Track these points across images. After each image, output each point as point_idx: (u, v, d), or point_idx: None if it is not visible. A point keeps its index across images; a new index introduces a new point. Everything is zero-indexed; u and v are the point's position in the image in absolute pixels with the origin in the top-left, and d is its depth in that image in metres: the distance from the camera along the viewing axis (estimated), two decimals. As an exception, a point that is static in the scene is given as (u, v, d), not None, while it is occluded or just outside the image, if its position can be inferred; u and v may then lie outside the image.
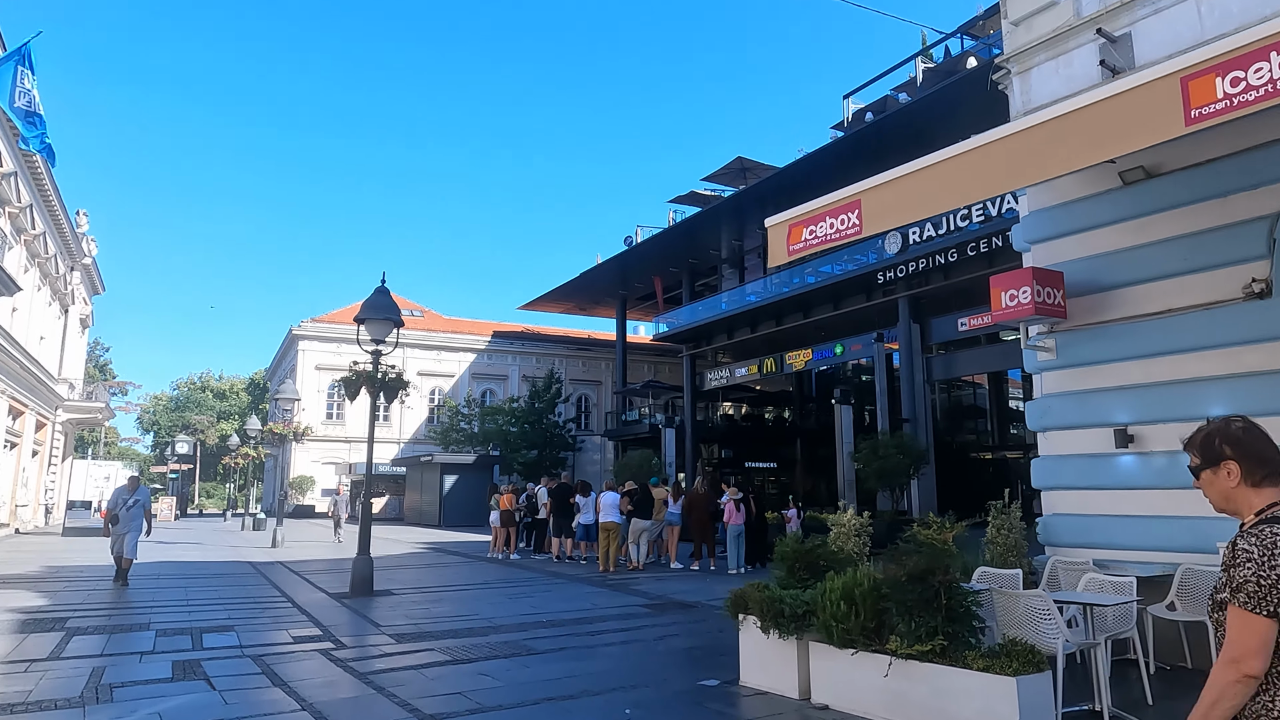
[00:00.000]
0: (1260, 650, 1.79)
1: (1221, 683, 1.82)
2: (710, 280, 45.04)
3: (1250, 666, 1.79)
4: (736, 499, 14.35)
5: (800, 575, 5.82)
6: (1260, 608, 1.79)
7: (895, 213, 5.25)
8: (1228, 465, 1.99)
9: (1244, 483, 1.97)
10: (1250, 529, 1.91)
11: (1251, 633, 1.80)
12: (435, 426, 43.39)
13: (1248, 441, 1.99)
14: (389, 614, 9.59)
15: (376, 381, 11.52)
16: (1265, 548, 1.82)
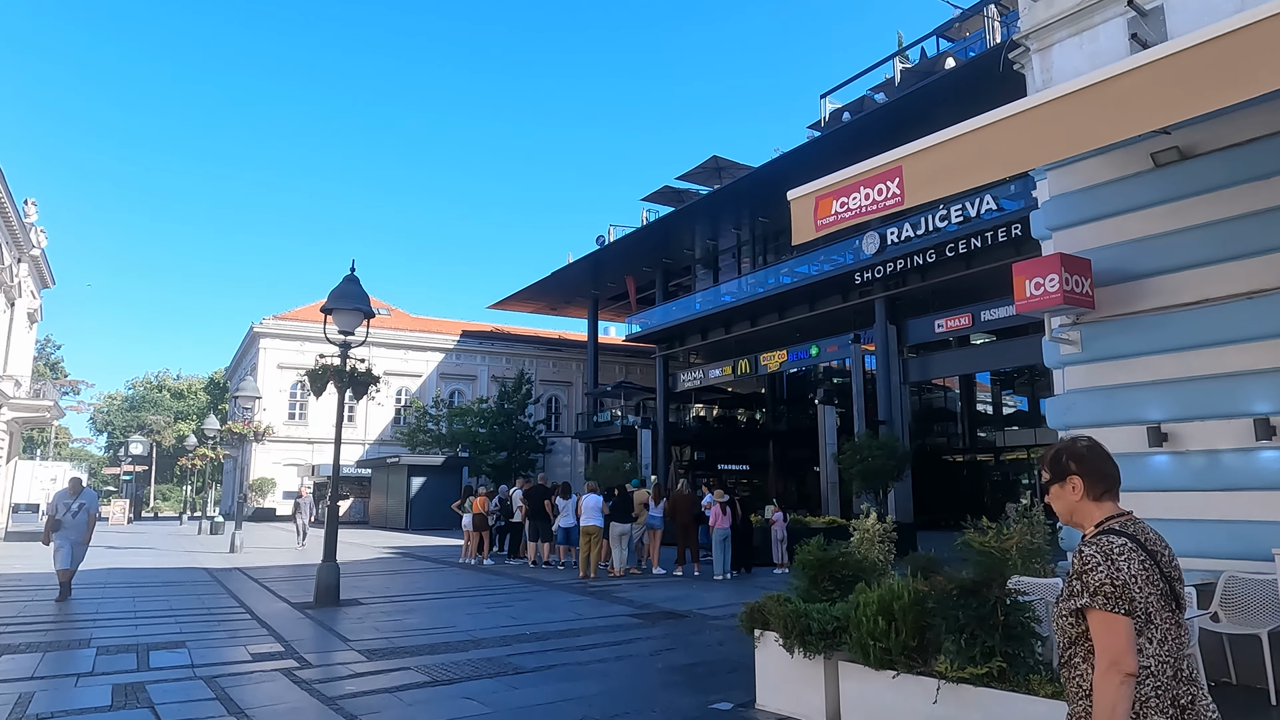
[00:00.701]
0: (1130, 647, 1.88)
1: (1110, 689, 1.87)
2: (684, 280, 44.54)
3: (1127, 665, 1.86)
4: (722, 501, 13.79)
5: (824, 586, 5.25)
6: (1118, 607, 1.90)
7: (942, 180, 4.70)
8: (1073, 480, 2.13)
9: (1086, 496, 2.12)
10: (1092, 538, 2.03)
11: (1118, 632, 1.89)
12: (402, 427, 42.34)
13: (1090, 459, 2.14)
14: (357, 626, 8.85)
15: (345, 376, 10.76)
16: (1109, 552, 1.95)
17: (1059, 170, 7.44)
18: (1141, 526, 2.08)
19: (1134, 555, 1.96)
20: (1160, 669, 1.93)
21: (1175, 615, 1.99)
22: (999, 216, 26.05)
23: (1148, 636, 1.93)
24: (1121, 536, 2.01)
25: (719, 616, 9.30)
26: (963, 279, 29.06)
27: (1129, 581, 1.91)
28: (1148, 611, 1.93)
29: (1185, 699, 1.94)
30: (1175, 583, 2.03)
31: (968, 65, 27.10)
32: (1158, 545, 2.05)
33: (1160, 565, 2.00)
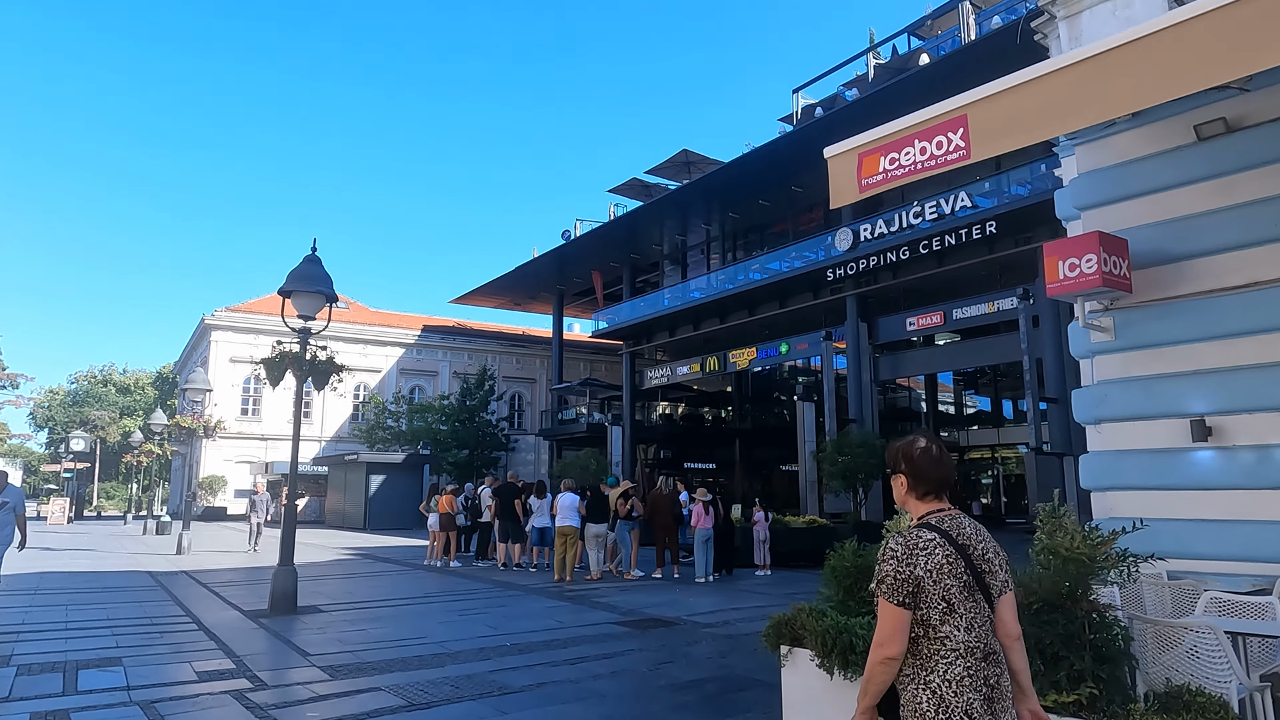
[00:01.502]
0: (895, 634, 2.11)
1: (871, 665, 2.15)
2: (652, 277, 43.92)
3: (889, 650, 2.11)
4: (706, 501, 13.17)
5: (862, 597, 4.62)
6: (894, 597, 2.12)
7: (1016, 130, 4.10)
8: (899, 477, 2.32)
9: (911, 494, 2.31)
10: (906, 530, 2.24)
11: (889, 619, 2.13)
12: (360, 424, 41.12)
13: (919, 462, 2.29)
14: (318, 638, 8.03)
15: (305, 364, 9.90)
16: (909, 547, 2.16)
17: (1089, 145, 6.93)
18: (958, 522, 2.25)
19: (939, 549, 2.13)
20: (970, 651, 2.10)
21: (982, 603, 2.16)
22: (973, 214, 25.86)
23: (953, 624, 2.11)
24: (933, 531, 2.18)
25: (712, 624, 8.67)
26: (935, 277, 28.87)
27: (923, 576, 2.10)
28: (949, 600, 2.10)
29: (994, 679, 2.12)
30: (985, 575, 2.20)
31: (942, 61, 26.92)
32: (971, 540, 2.22)
33: (970, 558, 2.17)
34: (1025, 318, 24.53)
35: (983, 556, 2.22)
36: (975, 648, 2.10)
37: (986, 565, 2.22)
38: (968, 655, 2.09)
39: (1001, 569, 2.26)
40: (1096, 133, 6.84)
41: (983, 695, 2.08)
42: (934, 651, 2.11)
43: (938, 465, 2.30)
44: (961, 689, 2.07)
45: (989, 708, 2.09)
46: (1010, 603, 2.26)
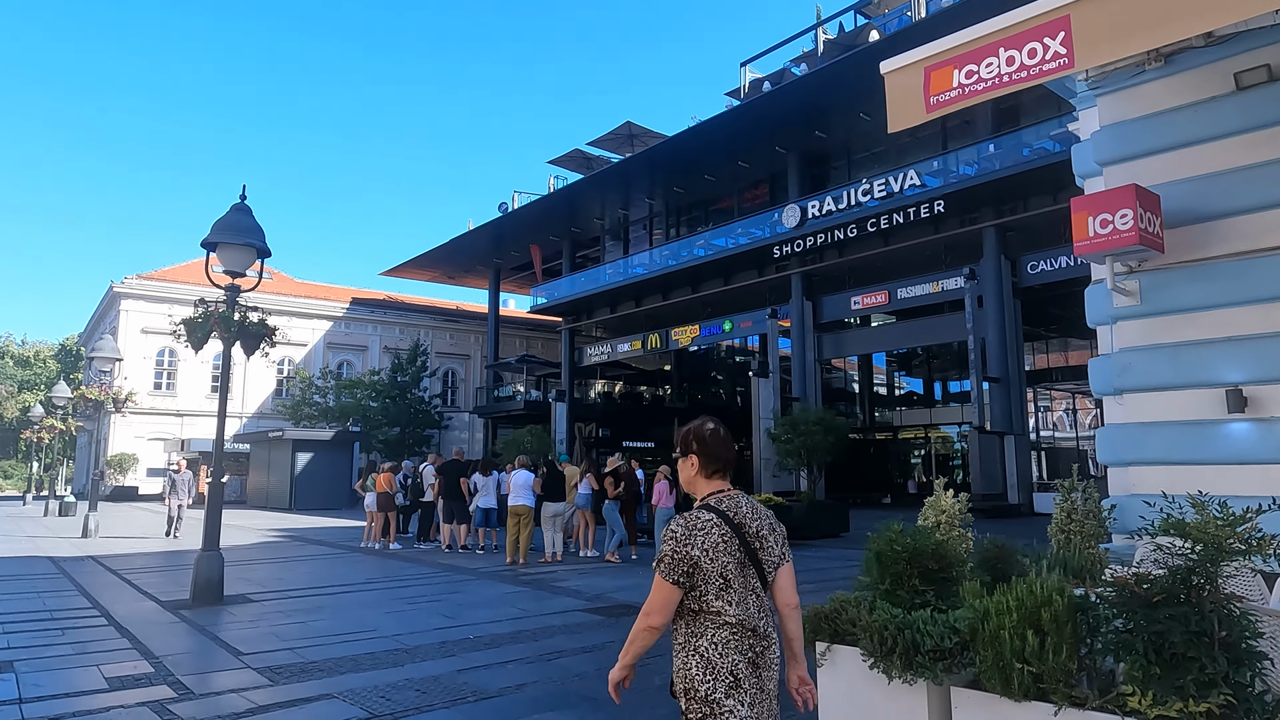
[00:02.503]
0: (663, 608, 2.27)
1: (635, 630, 2.34)
2: (592, 252, 43.00)
3: (654, 620, 2.29)
4: (669, 479, 12.52)
5: (913, 586, 4.00)
6: (670, 575, 2.23)
7: (1134, 32, 3.48)
8: (691, 458, 2.45)
9: (700, 473, 2.43)
10: (689, 512, 2.35)
11: (660, 594, 2.26)
12: (285, 399, 39.30)
13: (711, 443, 2.44)
14: (251, 633, 7.08)
15: (233, 325, 8.81)
16: (689, 527, 2.27)
17: (1114, 95, 6.44)
18: (735, 502, 2.37)
19: (715, 529, 2.27)
20: (740, 623, 2.23)
21: (752, 578, 2.30)
22: (921, 193, 25.79)
23: (726, 599, 2.23)
24: (711, 512, 2.32)
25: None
26: (881, 256, 28.81)
27: (699, 555, 2.23)
28: (725, 576, 2.24)
29: (759, 649, 2.26)
30: (759, 551, 2.33)
31: (894, 37, 26.66)
32: (747, 518, 2.34)
33: (745, 537, 2.30)
34: (970, 298, 24.62)
35: (757, 534, 2.35)
36: (744, 619, 2.23)
37: (760, 542, 2.35)
38: (737, 626, 2.22)
39: (777, 544, 2.41)
40: (1122, 81, 6.34)
41: (749, 660, 2.22)
42: (706, 625, 2.24)
43: (725, 446, 2.46)
44: (727, 651, 2.21)
45: (755, 673, 2.23)
46: (788, 573, 2.44)
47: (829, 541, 15.77)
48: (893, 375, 45.22)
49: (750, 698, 2.19)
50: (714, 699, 2.17)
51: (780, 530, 2.45)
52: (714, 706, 2.16)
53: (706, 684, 2.18)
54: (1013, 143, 24.43)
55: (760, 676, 2.23)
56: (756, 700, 2.21)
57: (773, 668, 2.28)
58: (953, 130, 28.01)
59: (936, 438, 40.97)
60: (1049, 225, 24.99)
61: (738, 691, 2.17)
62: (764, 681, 2.24)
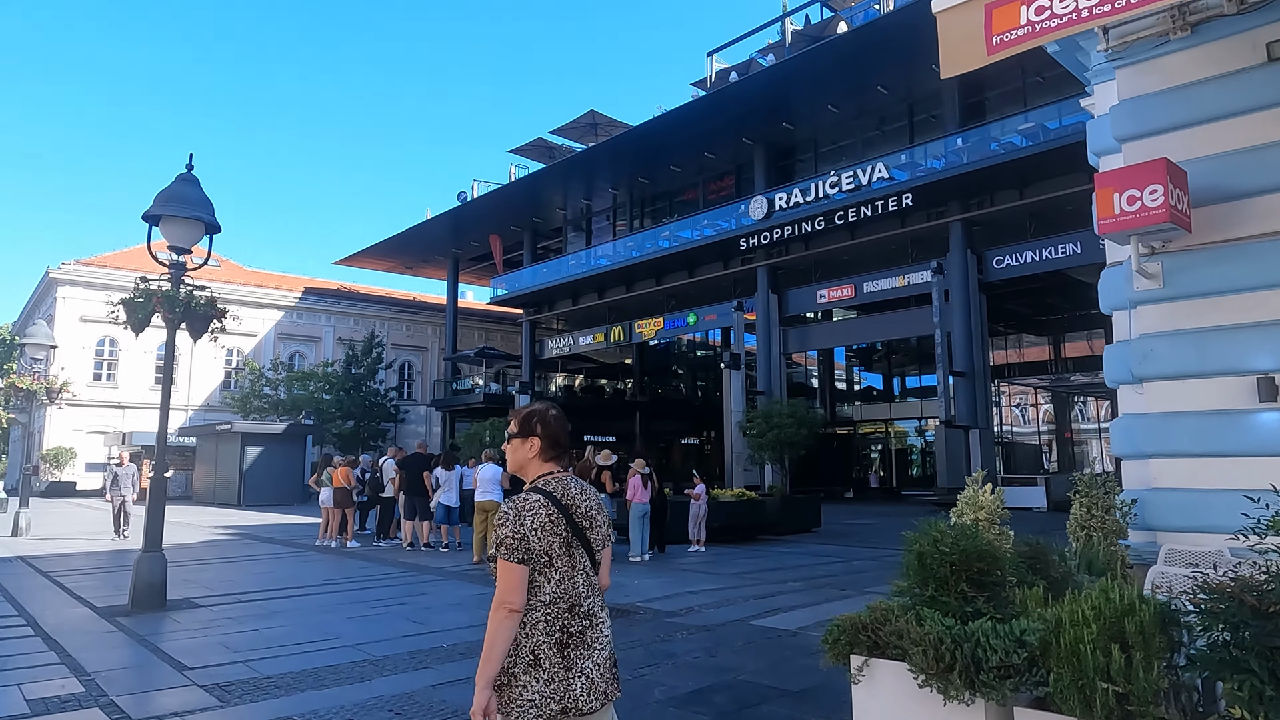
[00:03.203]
0: (517, 588, 2.25)
1: (494, 623, 2.23)
2: (554, 243, 42.29)
3: (513, 602, 2.24)
4: (643, 473, 12.03)
5: (961, 592, 3.56)
6: (513, 556, 2.25)
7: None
8: (533, 439, 2.47)
9: (539, 456, 2.47)
10: (519, 495, 2.38)
11: (509, 576, 2.25)
12: (234, 392, 37.90)
13: (553, 426, 2.49)
14: (197, 643, 6.41)
15: (178, 305, 8.07)
16: (519, 508, 2.31)
17: (1134, 68, 6.09)
18: (563, 483, 2.43)
19: (543, 509, 2.32)
20: (555, 602, 2.29)
21: (579, 558, 2.36)
22: (889, 186, 25.64)
23: (547, 576, 2.29)
24: (539, 494, 2.36)
25: (675, 613, 7.55)
26: (847, 250, 28.67)
27: (529, 534, 2.27)
28: (550, 555, 2.30)
29: (576, 628, 2.30)
30: (586, 530, 2.39)
31: (862, 29, 26.49)
32: (574, 500, 2.40)
33: (573, 517, 2.36)
34: (937, 291, 24.57)
35: (586, 514, 2.40)
36: (560, 598, 2.29)
37: (590, 522, 2.41)
38: (551, 605, 2.28)
39: (603, 525, 2.47)
40: (1144, 52, 6.00)
41: (554, 639, 2.26)
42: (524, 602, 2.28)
43: (564, 431, 2.52)
44: (534, 632, 2.26)
45: (560, 651, 2.26)
46: (606, 558, 2.52)
47: (802, 536, 15.45)
48: (852, 370, 45.37)
49: (549, 675, 2.24)
50: (512, 672, 2.25)
51: (606, 514, 2.54)
52: (511, 679, 2.25)
53: (510, 657, 2.25)
54: (980, 137, 24.40)
55: (568, 655, 2.27)
56: (558, 678, 2.25)
57: (594, 645, 2.32)
58: (920, 124, 27.98)
59: (896, 433, 41.18)
60: (1014, 220, 25.11)
61: (535, 669, 2.24)
62: (573, 660, 2.28)
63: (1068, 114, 22.53)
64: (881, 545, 13.92)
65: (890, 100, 27.75)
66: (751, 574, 10.30)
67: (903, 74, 26.24)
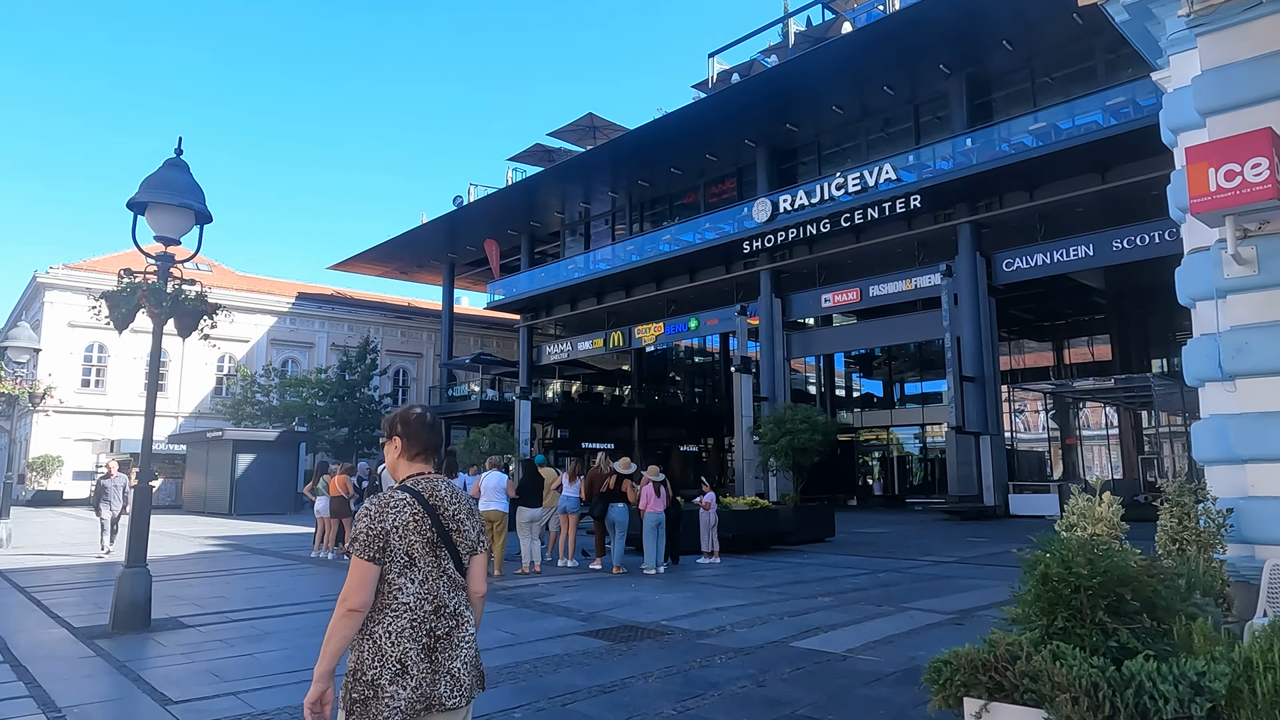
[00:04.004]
0: (362, 587, 2.22)
1: (334, 620, 2.21)
2: (550, 248, 41.73)
3: (353, 601, 2.21)
4: (656, 481, 11.43)
5: (1101, 624, 2.97)
6: (365, 553, 2.23)
7: None
8: (395, 440, 2.50)
9: (403, 456, 2.49)
10: (383, 493, 2.38)
11: (357, 573, 2.23)
12: (225, 399, 37.19)
13: (415, 425, 2.51)
14: (184, 671, 5.77)
15: (165, 299, 7.45)
16: (381, 506, 2.30)
17: (1218, 35, 5.56)
18: (433, 484, 2.42)
19: (408, 508, 2.32)
20: (419, 604, 2.28)
21: (445, 560, 2.35)
22: (896, 187, 25.14)
23: (409, 577, 2.28)
24: (405, 492, 2.36)
25: (706, 633, 6.94)
26: (852, 252, 28.15)
27: (389, 532, 2.26)
28: (411, 555, 2.28)
29: (442, 630, 2.29)
30: (453, 533, 2.38)
31: (867, 29, 26.05)
32: (444, 502, 2.40)
33: (439, 518, 2.36)
34: (947, 295, 24.07)
35: (453, 517, 2.41)
36: (425, 600, 2.29)
37: (456, 525, 2.41)
38: (416, 608, 2.27)
39: (473, 530, 2.47)
40: (1231, 17, 5.47)
41: (422, 645, 2.25)
42: (385, 605, 2.26)
43: (428, 431, 2.53)
44: (400, 639, 2.23)
45: (428, 656, 2.26)
46: (481, 563, 2.50)
47: (816, 546, 14.86)
48: (851, 377, 44.89)
49: (416, 682, 2.22)
50: (378, 683, 2.19)
51: (479, 519, 2.53)
52: (376, 690, 2.19)
53: (374, 669, 2.21)
54: (989, 137, 23.94)
55: (436, 659, 2.27)
56: (426, 682, 2.24)
57: (460, 645, 2.33)
58: (926, 125, 27.54)
59: (896, 440, 40.69)
60: (1024, 222, 24.65)
61: (403, 678, 2.21)
62: (440, 663, 2.28)
63: (1080, 114, 22.11)
64: (901, 556, 13.35)
65: (896, 101, 27.32)
66: (775, 588, 9.70)
67: (908, 74, 25.83)
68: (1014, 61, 24.57)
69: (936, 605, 8.23)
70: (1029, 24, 22.68)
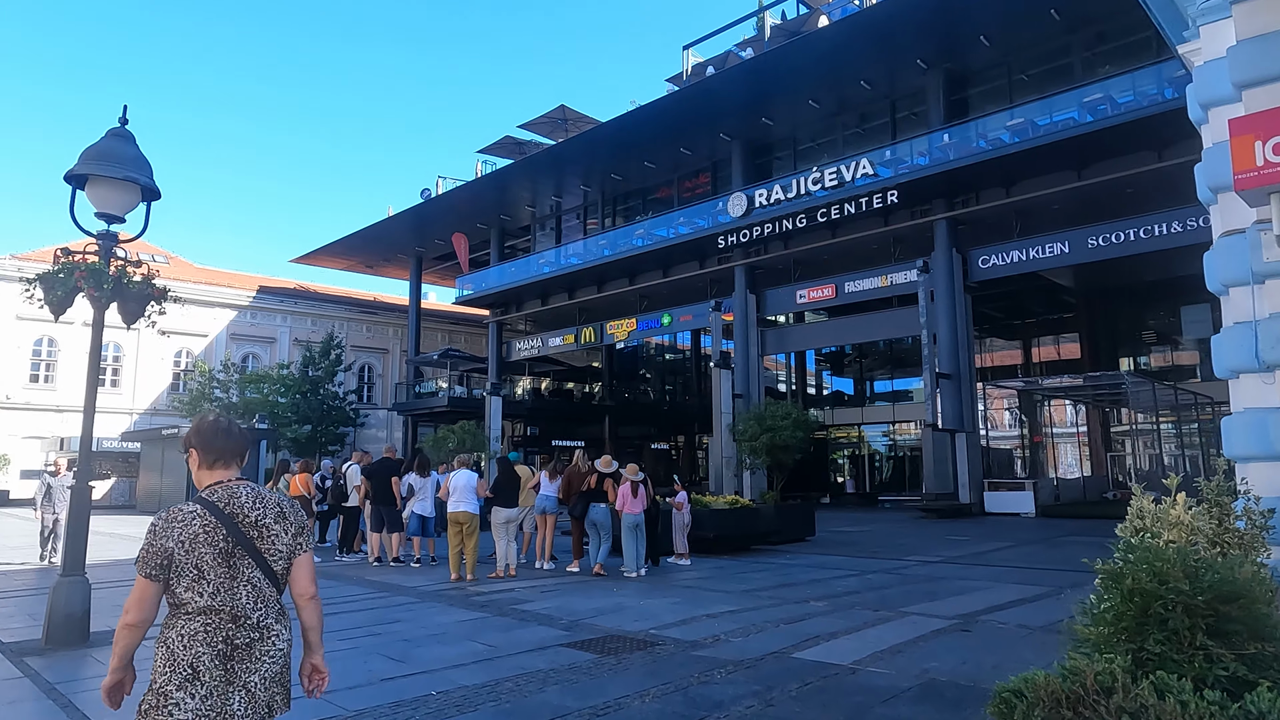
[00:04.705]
0: (137, 604, 2.23)
1: (117, 630, 2.28)
2: (521, 242, 41.02)
3: (131, 617, 2.24)
4: (636, 480, 10.94)
5: (1203, 649, 2.54)
6: (144, 570, 2.25)
7: None
8: (192, 451, 2.50)
9: (202, 466, 2.48)
10: (175, 506, 2.35)
11: (136, 591, 2.25)
12: (182, 395, 35.96)
13: (206, 434, 2.49)
14: (122, 693, 5.16)
15: (106, 281, 6.78)
16: (167, 521, 2.28)
17: (1254, 2, 5.21)
18: (234, 492, 2.39)
19: (198, 520, 2.29)
20: (214, 613, 2.24)
21: (244, 568, 2.31)
22: (873, 182, 24.90)
23: (198, 590, 2.24)
24: (195, 504, 2.35)
25: (699, 642, 6.46)
26: (827, 248, 27.90)
27: (175, 547, 2.25)
28: (200, 568, 2.25)
29: (242, 640, 2.25)
30: (256, 540, 2.34)
31: (844, 22, 25.73)
32: (243, 510, 2.36)
33: (238, 526, 2.32)
34: (924, 291, 23.88)
35: (256, 524, 2.36)
36: (221, 610, 2.25)
37: (260, 532, 2.36)
38: (209, 615, 2.24)
39: (286, 533, 2.42)
40: (1269, -16, 5.12)
41: (217, 651, 2.21)
42: (178, 615, 2.26)
43: (221, 437, 2.49)
44: (193, 643, 2.20)
45: (224, 664, 2.21)
46: (304, 564, 2.48)
47: (797, 546, 14.49)
48: (822, 375, 44.84)
49: (208, 690, 2.17)
50: (165, 690, 2.16)
51: (295, 521, 2.47)
52: (163, 698, 2.15)
53: (164, 675, 2.18)
54: (967, 134, 23.78)
55: (232, 668, 2.22)
56: (217, 692, 2.19)
57: (262, 659, 2.27)
58: (902, 121, 27.36)
59: (867, 437, 40.67)
60: (1000, 219, 24.55)
61: (192, 684, 2.16)
62: (237, 674, 2.22)
63: (1057, 110, 22.01)
64: (885, 555, 13.03)
65: (872, 96, 27.09)
66: (764, 591, 9.26)
67: (885, 69, 25.60)
68: (991, 58, 24.45)
69: (936, 609, 7.85)
70: (1007, 20, 22.56)
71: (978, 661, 5.66)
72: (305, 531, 2.52)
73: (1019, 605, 8.11)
